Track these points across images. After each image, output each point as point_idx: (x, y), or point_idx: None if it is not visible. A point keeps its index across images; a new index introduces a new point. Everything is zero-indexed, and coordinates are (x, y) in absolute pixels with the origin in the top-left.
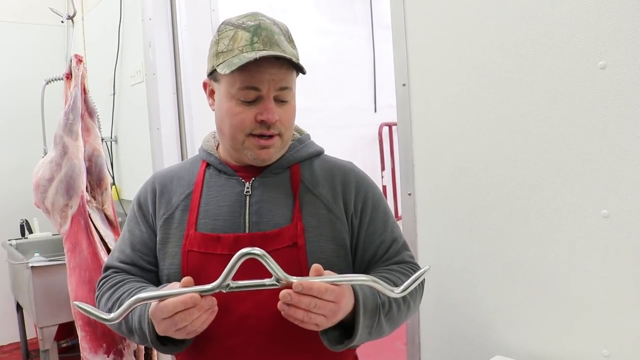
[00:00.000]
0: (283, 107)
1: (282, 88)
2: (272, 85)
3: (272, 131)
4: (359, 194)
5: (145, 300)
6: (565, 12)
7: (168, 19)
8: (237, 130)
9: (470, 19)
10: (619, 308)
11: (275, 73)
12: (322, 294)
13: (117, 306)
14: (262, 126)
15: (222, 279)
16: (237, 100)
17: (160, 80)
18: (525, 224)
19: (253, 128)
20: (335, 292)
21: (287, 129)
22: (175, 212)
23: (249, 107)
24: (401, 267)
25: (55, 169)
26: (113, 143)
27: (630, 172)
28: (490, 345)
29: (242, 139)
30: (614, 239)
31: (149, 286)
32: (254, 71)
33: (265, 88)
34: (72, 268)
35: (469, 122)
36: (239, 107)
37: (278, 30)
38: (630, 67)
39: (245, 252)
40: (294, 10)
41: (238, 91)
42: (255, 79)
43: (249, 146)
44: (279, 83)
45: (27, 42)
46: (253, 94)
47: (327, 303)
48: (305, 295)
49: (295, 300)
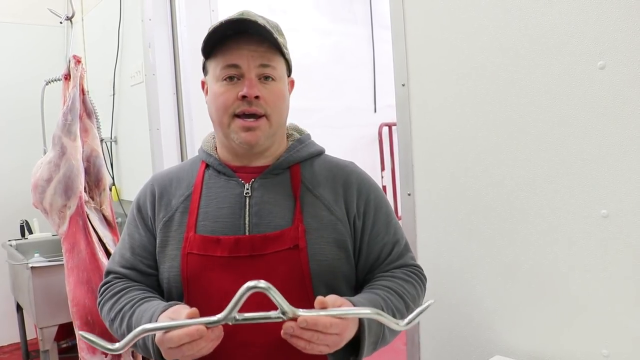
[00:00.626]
0: (267, 87)
1: (264, 65)
2: (252, 61)
3: (255, 108)
4: (361, 195)
5: (151, 331)
6: (564, 12)
7: (168, 19)
8: (222, 111)
9: (469, 20)
10: (618, 308)
11: (254, 49)
12: (327, 328)
13: (119, 318)
14: (244, 103)
15: (227, 312)
16: (221, 82)
17: (160, 81)
18: (524, 224)
19: (236, 106)
20: (339, 326)
21: (273, 111)
22: (175, 215)
23: (232, 86)
24: (404, 272)
25: (53, 169)
26: (113, 143)
27: (630, 172)
28: (490, 345)
29: (227, 121)
30: (613, 238)
31: (152, 296)
32: (234, 48)
33: (245, 64)
34: (70, 268)
35: (468, 122)
36: (223, 87)
37: (263, 22)
38: (629, 67)
39: (251, 286)
40: (293, 11)
41: (221, 71)
42: (235, 55)
43: (235, 129)
44: (258, 59)
45: (27, 42)
46: (234, 70)
47: (330, 336)
48: (307, 330)
49: (298, 333)
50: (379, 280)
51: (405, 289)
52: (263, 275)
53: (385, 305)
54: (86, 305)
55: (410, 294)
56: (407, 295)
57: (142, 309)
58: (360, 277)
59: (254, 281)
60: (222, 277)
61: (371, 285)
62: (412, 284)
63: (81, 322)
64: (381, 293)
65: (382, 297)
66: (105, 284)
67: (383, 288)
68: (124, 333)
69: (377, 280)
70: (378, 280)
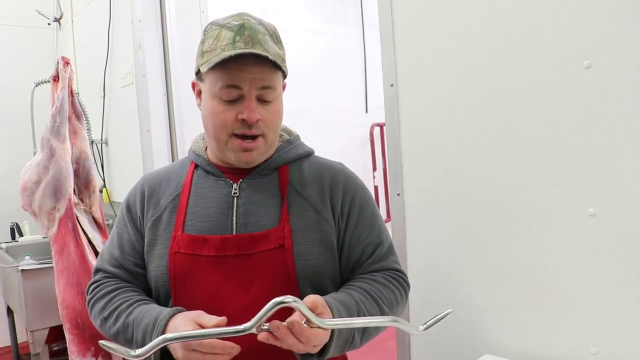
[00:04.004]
0: (266, 107)
1: (264, 87)
2: (254, 84)
3: (254, 131)
4: (347, 195)
5: (172, 340)
6: (550, 13)
7: (158, 20)
8: (220, 129)
9: (457, 20)
10: (605, 306)
11: (257, 72)
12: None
13: (114, 316)
14: (243, 125)
15: (254, 322)
16: (220, 99)
17: (150, 82)
18: (513, 223)
19: (235, 127)
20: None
21: (270, 130)
22: (163, 214)
23: (231, 106)
24: (384, 276)
25: (42, 171)
26: (103, 145)
27: (616, 171)
28: (480, 344)
29: (225, 139)
30: (600, 237)
31: (147, 299)
32: (235, 69)
33: (247, 87)
34: (59, 271)
35: (457, 122)
36: (221, 106)
37: (263, 30)
38: (615, 66)
39: (279, 301)
40: (285, 12)
41: (220, 90)
42: (236, 77)
43: (232, 148)
44: (260, 82)
45: (16, 44)
46: (235, 92)
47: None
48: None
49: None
50: (356, 282)
51: (382, 293)
52: (249, 275)
53: (357, 309)
54: (76, 308)
55: (387, 300)
56: (384, 301)
57: (142, 309)
58: (344, 276)
59: (281, 297)
60: (209, 276)
61: (348, 286)
62: (390, 289)
63: (71, 325)
64: (356, 295)
65: (356, 300)
66: (95, 283)
67: (359, 290)
68: (117, 332)
69: (354, 281)
70: (356, 281)
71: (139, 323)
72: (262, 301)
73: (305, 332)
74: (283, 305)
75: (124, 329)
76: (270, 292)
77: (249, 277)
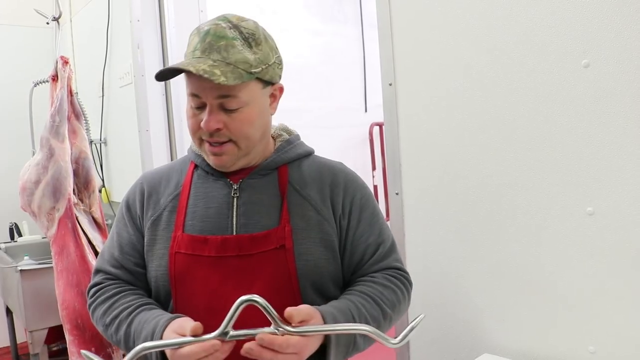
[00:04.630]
0: (231, 116)
1: (223, 96)
2: (210, 93)
3: (217, 138)
4: (347, 194)
5: (151, 349)
6: (548, 12)
7: (156, 20)
8: (192, 134)
9: (456, 19)
10: (604, 305)
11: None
12: (284, 348)
13: (115, 324)
14: (206, 133)
15: (222, 328)
16: (190, 105)
17: (149, 82)
18: (511, 222)
19: (201, 133)
20: (298, 345)
21: (239, 138)
22: (163, 214)
23: (198, 113)
24: (385, 276)
25: (41, 171)
26: (102, 145)
27: (615, 169)
28: (479, 344)
29: (198, 143)
30: (599, 236)
31: (148, 303)
32: (194, 78)
33: (205, 95)
34: (59, 271)
35: (455, 121)
36: (191, 111)
37: (233, 35)
38: (613, 65)
39: (246, 299)
40: (283, 11)
41: (188, 96)
42: (195, 86)
43: (205, 151)
44: (217, 91)
45: (15, 44)
46: (197, 100)
47: (288, 355)
48: (267, 349)
49: (256, 353)
50: (357, 285)
51: (383, 294)
52: (250, 276)
53: (358, 314)
54: (76, 309)
55: (389, 300)
56: (385, 302)
57: (141, 318)
58: (346, 276)
59: (248, 295)
60: (210, 276)
61: (348, 291)
62: (391, 290)
63: (71, 326)
64: (356, 299)
65: (356, 304)
66: (95, 285)
67: (359, 294)
68: (119, 340)
69: (355, 285)
70: (356, 285)
71: (138, 335)
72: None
73: (277, 340)
74: (249, 303)
75: (125, 339)
76: (270, 292)
77: (249, 277)
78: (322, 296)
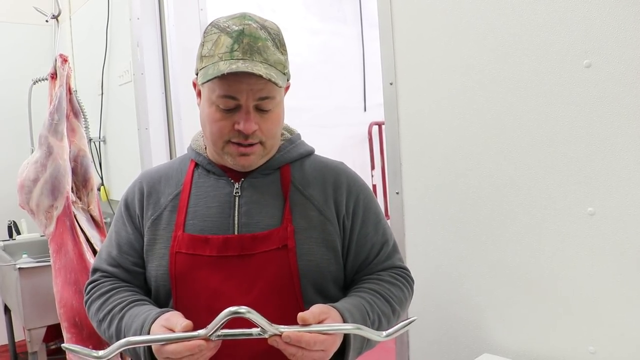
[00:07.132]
0: (264, 116)
1: (262, 98)
2: (251, 95)
3: (251, 140)
4: (351, 195)
5: (136, 343)
6: (550, 12)
7: (156, 18)
8: (217, 137)
9: (457, 18)
10: (604, 305)
11: (254, 83)
12: (311, 346)
13: (108, 320)
14: (240, 135)
15: (210, 330)
16: (217, 107)
17: (148, 80)
18: (512, 222)
19: (231, 136)
20: (325, 343)
21: (268, 138)
22: (164, 213)
23: (228, 115)
24: (391, 274)
25: (40, 169)
26: (101, 143)
27: (615, 169)
28: (479, 343)
29: (221, 145)
30: (600, 236)
31: (141, 299)
32: (232, 80)
33: (244, 98)
34: (57, 269)
35: (456, 120)
36: (218, 113)
37: (265, 36)
38: (614, 65)
39: (233, 311)
40: (283, 10)
41: (217, 99)
42: (233, 88)
43: (229, 152)
44: (258, 93)
45: (14, 41)
46: (232, 102)
47: (315, 352)
48: (293, 346)
49: (282, 348)
50: (365, 283)
51: (391, 292)
52: (251, 275)
53: (371, 309)
54: (74, 307)
55: (397, 297)
56: (394, 299)
57: (132, 313)
58: (348, 277)
59: (234, 307)
60: (211, 276)
61: (357, 289)
62: (398, 287)
63: (69, 324)
64: (367, 297)
65: (368, 301)
66: (92, 282)
67: (369, 291)
68: (112, 336)
69: (363, 283)
70: (364, 282)
71: (128, 329)
72: (264, 302)
73: (304, 337)
74: (236, 315)
75: (117, 334)
76: (272, 292)
77: (251, 277)
78: (323, 296)
